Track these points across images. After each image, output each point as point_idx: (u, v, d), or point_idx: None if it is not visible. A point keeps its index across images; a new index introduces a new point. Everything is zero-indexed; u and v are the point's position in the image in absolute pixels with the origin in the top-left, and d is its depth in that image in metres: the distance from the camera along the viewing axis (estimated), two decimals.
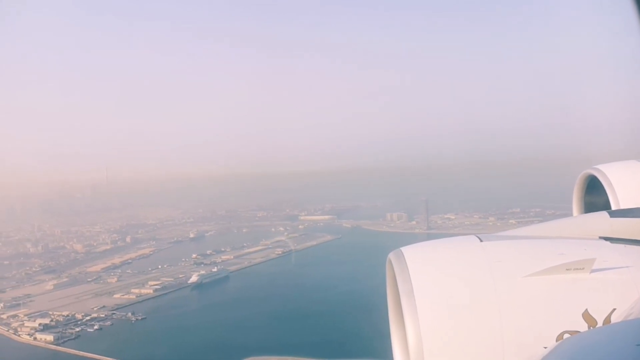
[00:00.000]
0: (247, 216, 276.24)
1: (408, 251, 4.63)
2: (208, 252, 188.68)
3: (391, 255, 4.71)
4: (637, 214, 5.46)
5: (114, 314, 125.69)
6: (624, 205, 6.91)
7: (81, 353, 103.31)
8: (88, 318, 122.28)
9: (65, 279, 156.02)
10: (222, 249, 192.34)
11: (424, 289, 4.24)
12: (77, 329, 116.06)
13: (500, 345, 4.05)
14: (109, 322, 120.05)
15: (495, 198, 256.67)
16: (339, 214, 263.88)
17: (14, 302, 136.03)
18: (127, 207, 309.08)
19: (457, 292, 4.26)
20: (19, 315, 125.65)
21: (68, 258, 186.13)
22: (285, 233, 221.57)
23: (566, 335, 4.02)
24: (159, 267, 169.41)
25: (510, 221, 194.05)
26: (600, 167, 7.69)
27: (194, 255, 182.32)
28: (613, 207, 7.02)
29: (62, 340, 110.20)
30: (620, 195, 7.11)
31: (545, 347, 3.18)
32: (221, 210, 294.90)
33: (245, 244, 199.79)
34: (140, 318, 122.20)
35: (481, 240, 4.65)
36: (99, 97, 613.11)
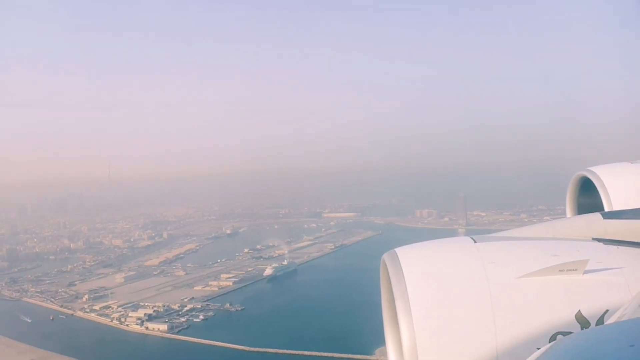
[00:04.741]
0: (268, 214, 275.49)
1: (402, 252, 4.65)
2: (258, 246, 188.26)
3: (385, 257, 4.72)
4: (629, 216, 5.49)
5: (208, 304, 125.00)
6: (617, 207, 6.98)
7: (207, 341, 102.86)
8: (187, 308, 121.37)
9: (132, 273, 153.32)
10: (270, 244, 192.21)
11: (418, 290, 4.27)
12: (183, 319, 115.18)
13: (493, 346, 4.10)
14: (211, 313, 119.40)
15: (516, 196, 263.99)
16: (361, 211, 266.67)
17: (96, 295, 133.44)
18: (138, 205, 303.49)
19: (451, 294, 4.30)
20: (112, 306, 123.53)
21: (115, 253, 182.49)
22: (323, 229, 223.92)
23: (559, 337, 4.05)
24: (218, 261, 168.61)
25: (545, 217, 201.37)
26: (593, 169, 7.73)
27: (245, 250, 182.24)
28: (606, 209, 7.11)
29: (176, 330, 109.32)
30: (613, 197, 7.17)
31: (538, 348, 3.18)
32: (238, 208, 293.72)
33: (289, 239, 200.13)
34: (239, 308, 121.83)
35: (475, 242, 4.72)
36: (100, 96, 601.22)
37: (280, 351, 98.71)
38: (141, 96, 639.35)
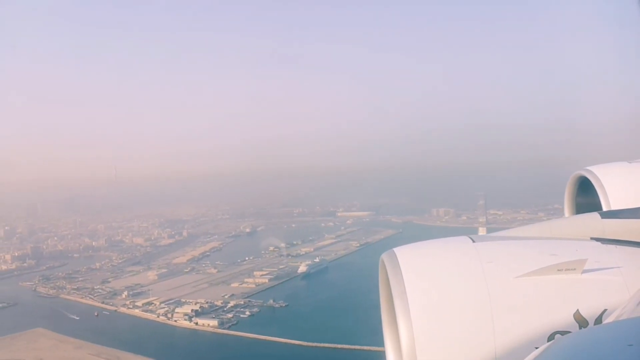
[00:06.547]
0: (282, 212, 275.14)
1: (401, 252, 4.64)
2: (282, 245, 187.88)
3: (384, 256, 4.70)
4: (628, 215, 5.49)
5: (250, 301, 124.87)
6: (615, 206, 6.94)
7: (260, 336, 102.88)
8: (231, 305, 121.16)
9: (163, 270, 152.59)
10: (294, 242, 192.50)
11: (416, 290, 4.25)
12: (230, 315, 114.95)
13: (492, 346, 4.10)
14: (255, 309, 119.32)
15: (521, 195, 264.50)
16: (375, 210, 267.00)
17: (134, 291, 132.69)
18: (145, 204, 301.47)
19: (450, 293, 4.30)
20: (154, 302, 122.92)
21: (139, 251, 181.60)
22: (342, 227, 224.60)
23: (558, 336, 4.05)
24: (247, 258, 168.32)
25: (564, 216, 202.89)
26: (591, 168, 7.73)
27: (271, 248, 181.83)
28: (604, 208, 7.06)
29: (226, 326, 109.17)
30: (611, 197, 7.14)
31: (536, 348, 3.16)
32: (249, 207, 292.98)
33: (311, 237, 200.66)
34: (283, 304, 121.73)
35: (474, 241, 4.72)
36: (103, 95, 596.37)
37: (339, 346, 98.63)
38: (144, 95, 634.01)
